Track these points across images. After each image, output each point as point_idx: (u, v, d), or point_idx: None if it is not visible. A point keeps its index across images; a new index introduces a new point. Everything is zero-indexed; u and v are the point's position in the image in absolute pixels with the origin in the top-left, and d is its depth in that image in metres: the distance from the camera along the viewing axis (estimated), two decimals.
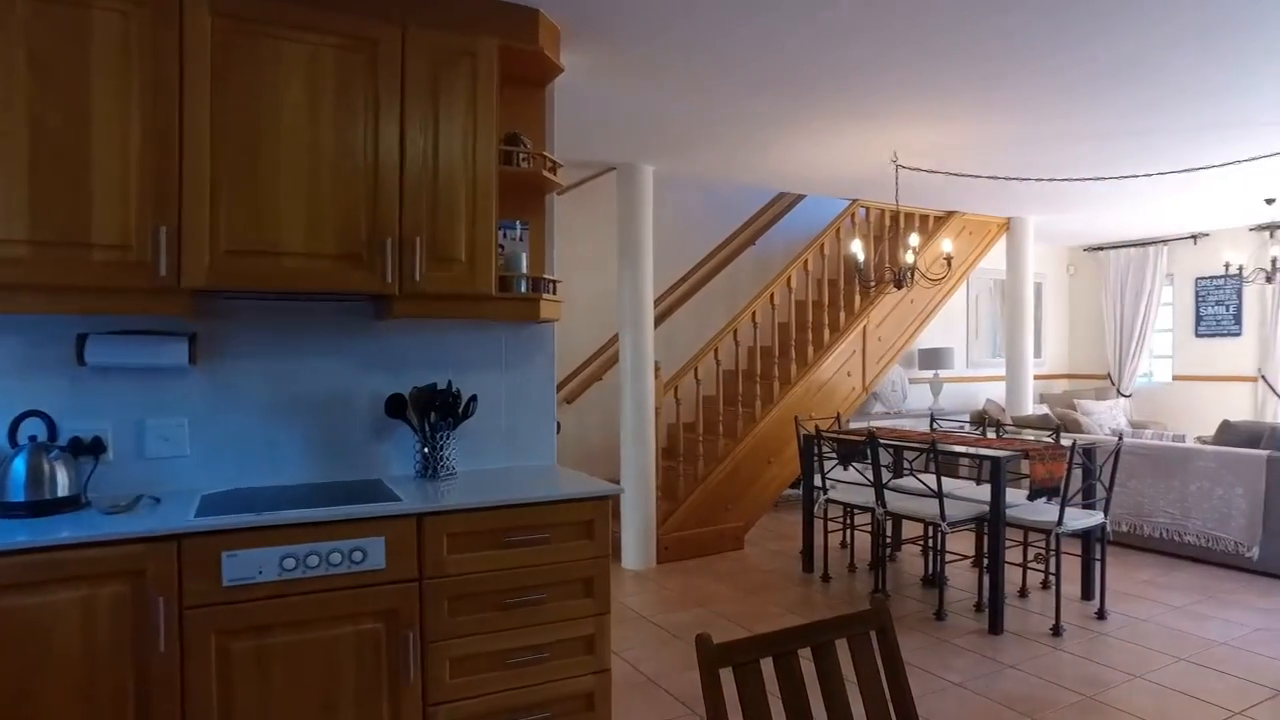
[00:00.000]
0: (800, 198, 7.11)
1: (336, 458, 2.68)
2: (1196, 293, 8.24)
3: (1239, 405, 7.89)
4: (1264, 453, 4.77)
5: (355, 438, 2.70)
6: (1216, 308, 8.10)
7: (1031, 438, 4.81)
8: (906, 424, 7.18)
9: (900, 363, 7.31)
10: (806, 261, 6.14)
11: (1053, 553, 3.95)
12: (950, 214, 6.69)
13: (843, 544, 5.44)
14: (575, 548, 2.44)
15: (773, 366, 6.01)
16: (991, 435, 4.91)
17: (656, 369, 5.27)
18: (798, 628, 1.40)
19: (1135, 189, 5.85)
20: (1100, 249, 8.92)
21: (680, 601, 4.42)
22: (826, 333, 6.22)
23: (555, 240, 3.04)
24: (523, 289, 2.66)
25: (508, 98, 2.75)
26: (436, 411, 2.66)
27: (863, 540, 5.22)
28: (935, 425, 5.42)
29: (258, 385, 2.57)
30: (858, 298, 6.37)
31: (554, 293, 2.81)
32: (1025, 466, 4.17)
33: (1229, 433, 5.11)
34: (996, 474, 3.83)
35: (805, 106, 3.96)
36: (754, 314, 5.85)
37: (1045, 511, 3.98)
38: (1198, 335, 8.26)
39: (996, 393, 8.23)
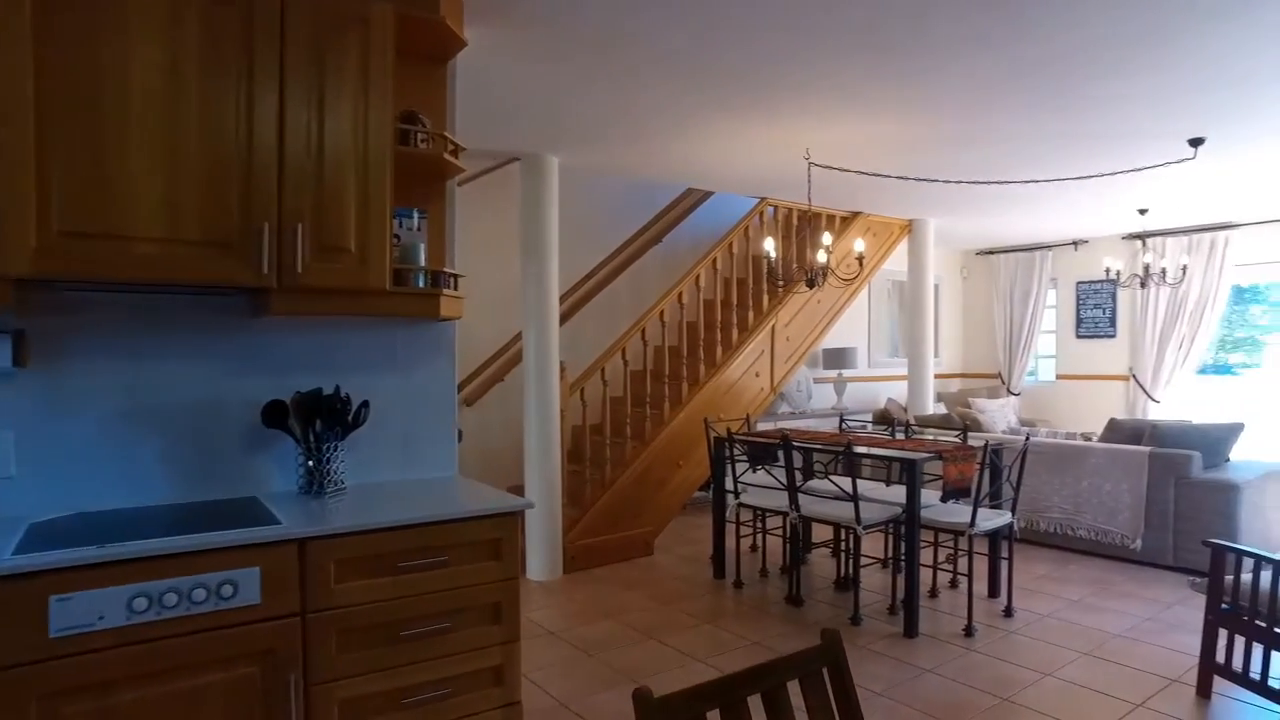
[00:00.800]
0: (707, 195, 7.04)
1: (205, 474, 2.34)
2: (1077, 296, 8.65)
3: (1114, 402, 8.32)
4: (1146, 449, 4.97)
5: (227, 450, 2.38)
6: (1095, 310, 8.52)
7: (941, 438, 4.84)
8: (811, 424, 7.21)
9: (805, 363, 7.34)
10: (715, 260, 6.05)
11: (964, 553, 3.96)
12: (855, 215, 6.75)
13: (753, 548, 5.36)
14: (480, 570, 2.21)
15: (681, 367, 5.89)
16: (900, 436, 4.93)
17: (562, 369, 5.05)
18: (746, 672, 1.22)
19: (1029, 194, 6.03)
20: (991, 253, 9.26)
21: (590, 614, 4.22)
22: (735, 333, 6.15)
23: (456, 232, 2.79)
24: (421, 284, 2.40)
25: (405, 73, 2.48)
26: (323, 419, 2.37)
27: (774, 544, 5.16)
28: (844, 426, 5.42)
29: (108, 391, 2.21)
30: (766, 297, 6.33)
31: (455, 288, 2.56)
32: (932, 466, 4.18)
33: (1115, 430, 5.32)
34: (912, 476, 3.80)
35: (718, 99, 3.83)
36: (662, 313, 5.71)
37: (957, 512, 3.99)
38: (1078, 336, 8.67)
39: (897, 392, 8.40)
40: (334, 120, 2.17)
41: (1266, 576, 2.98)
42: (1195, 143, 4.59)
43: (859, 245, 4.59)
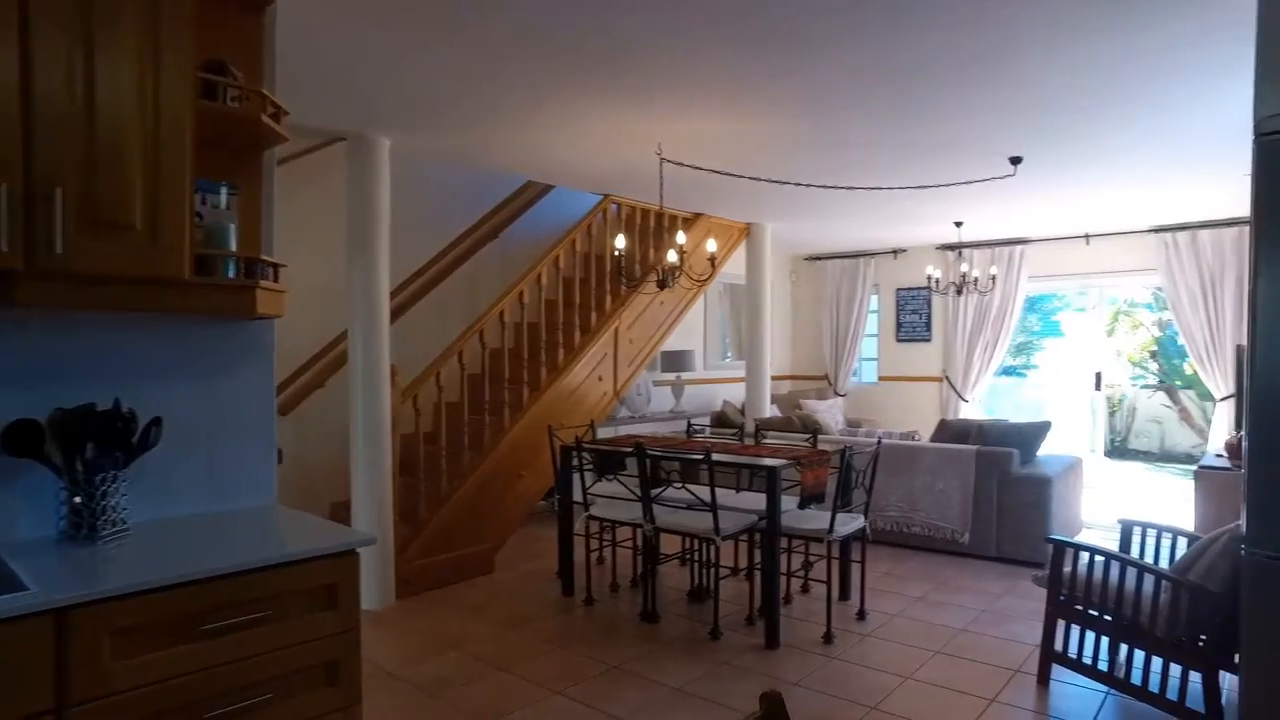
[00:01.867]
0: (546, 190, 6.73)
1: None
2: (897, 302, 9.14)
3: (930, 402, 8.86)
4: (973, 448, 5.23)
5: None
6: (913, 316, 9.05)
7: (794, 442, 4.82)
8: (652, 428, 7.09)
9: (646, 366, 7.21)
10: (558, 258, 5.76)
11: (818, 558, 3.92)
12: (698, 216, 6.69)
13: (600, 560, 5.12)
14: (312, 624, 1.80)
15: (522, 371, 5.56)
16: (749, 441, 4.87)
17: (393, 374, 4.57)
18: None
19: (866, 201, 6.22)
20: (819, 259, 9.60)
21: (430, 646, 3.80)
22: (578, 335, 5.89)
23: (275, 214, 2.33)
24: (231, 273, 1.95)
25: (212, 18, 2.01)
26: (96, 443, 1.86)
27: (623, 555, 4.95)
28: (692, 431, 5.30)
29: None
30: (609, 299, 6.12)
31: (276, 279, 2.12)
32: (786, 471, 4.12)
33: (944, 431, 5.58)
34: (773, 484, 3.70)
35: (572, 83, 3.56)
36: (502, 313, 5.34)
37: (815, 519, 3.95)
38: (898, 340, 9.17)
39: (733, 394, 8.48)
40: (110, 61, 1.69)
41: (1100, 568, 3.12)
42: (1015, 160, 4.87)
43: (711, 245, 4.48)
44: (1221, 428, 7.02)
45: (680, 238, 4.28)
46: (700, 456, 3.84)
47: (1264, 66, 2.65)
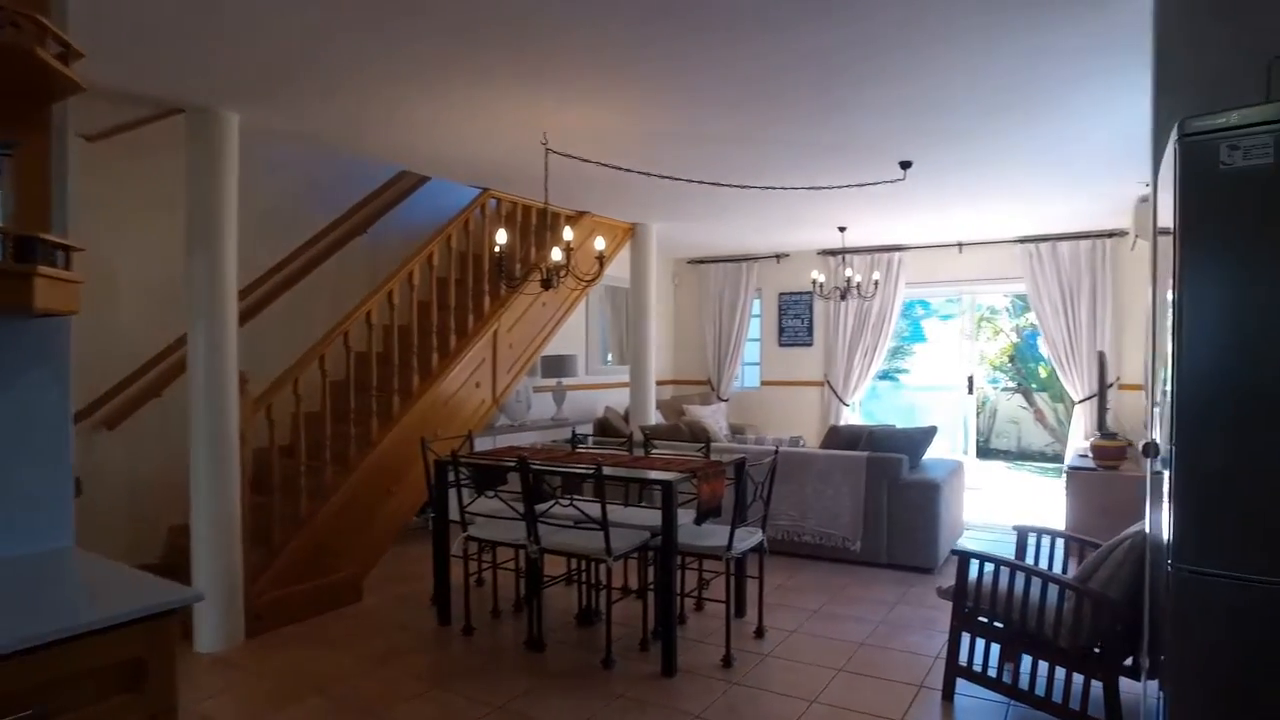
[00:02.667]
0: (422, 182, 6.26)
1: None
2: (780, 307, 9.17)
3: (812, 406, 8.92)
4: (864, 454, 5.19)
5: None
6: (795, 320, 9.09)
7: (687, 454, 4.60)
8: (533, 437, 6.74)
9: (526, 372, 6.86)
10: (432, 255, 5.32)
11: (714, 575, 3.70)
12: (582, 215, 6.40)
13: (479, 582, 4.72)
14: (107, 714, 1.38)
15: (392, 378, 5.08)
16: (639, 452, 4.61)
17: (243, 380, 4.03)
18: None
19: (754, 203, 6.11)
20: (702, 262, 9.51)
21: (288, 692, 3.31)
22: (454, 338, 5.47)
23: (71, 185, 1.86)
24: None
25: None
26: None
27: (505, 577, 4.57)
28: (576, 440, 4.99)
29: None
30: (488, 300, 5.73)
31: (68, 265, 1.67)
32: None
33: (835, 437, 5.52)
34: (669, 499, 3.45)
35: (454, 57, 3.19)
36: (370, 314, 4.86)
37: (713, 534, 3.73)
38: (780, 345, 9.19)
39: (615, 400, 8.23)
40: None
41: (1005, 580, 3.04)
42: (905, 165, 4.85)
43: (599, 243, 4.19)
44: (1080, 428, 7.37)
45: (568, 233, 3.97)
46: (590, 470, 3.54)
47: (1170, 70, 2.65)
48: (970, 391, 8.41)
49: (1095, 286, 7.28)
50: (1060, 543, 3.48)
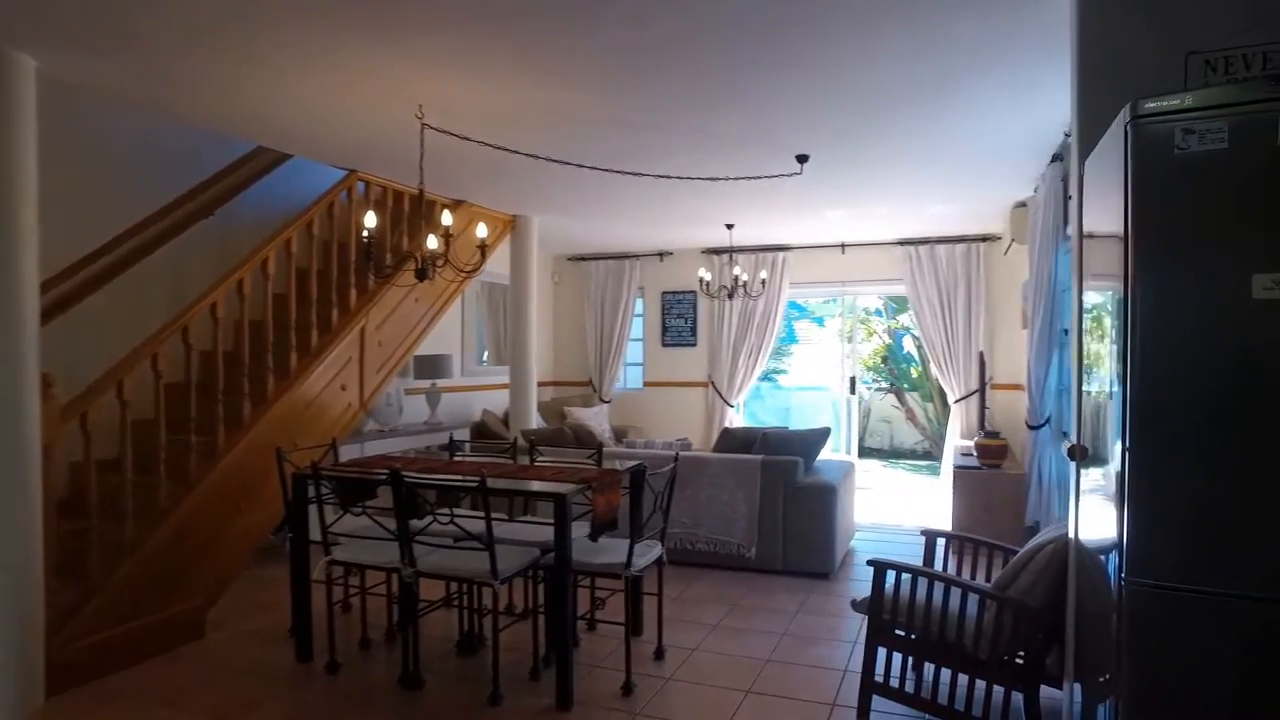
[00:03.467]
0: (282, 160, 5.62)
1: None
2: (663, 305, 8.97)
3: (696, 408, 8.77)
4: (759, 458, 5.01)
5: None
6: (678, 320, 8.92)
7: (580, 465, 4.26)
8: (405, 444, 6.21)
9: (398, 373, 6.32)
10: (290, 242, 4.74)
11: (615, 593, 3.39)
12: (460, 204, 5.94)
13: (345, 608, 4.20)
14: None
15: (243, 379, 4.47)
16: (523, 459, 4.23)
17: (47, 383, 3.37)
18: None
19: (640, 197, 5.85)
20: (583, 259, 9.18)
21: None
22: (315, 336, 4.91)
23: None
24: None
25: None
26: None
27: (375, 602, 4.07)
28: (456, 448, 4.55)
29: None
30: (355, 293, 5.19)
31: None
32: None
33: (728, 440, 5.32)
34: (563, 514, 3.10)
35: (307, 9, 2.72)
36: (215, 307, 4.25)
37: (609, 550, 3.40)
38: (664, 345, 9.00)
39: (493, 403, 7.78)
40: None
41: (923, 591, 2.89)
42: (802, 159, 4.71)
43: (481, 230, 3.79)
44: (957, 426, 7.54)
45: (447, 218, 3.54)
46: (474, 483, 3.14)
47: (1092, 63, 2.56)
48: (853, 392, 8.49)
49: (970, 289, 7.48)
50: (970, 546, 3.37)
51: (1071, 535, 2.53)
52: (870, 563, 2.99)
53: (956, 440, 7.36)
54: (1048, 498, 5.13)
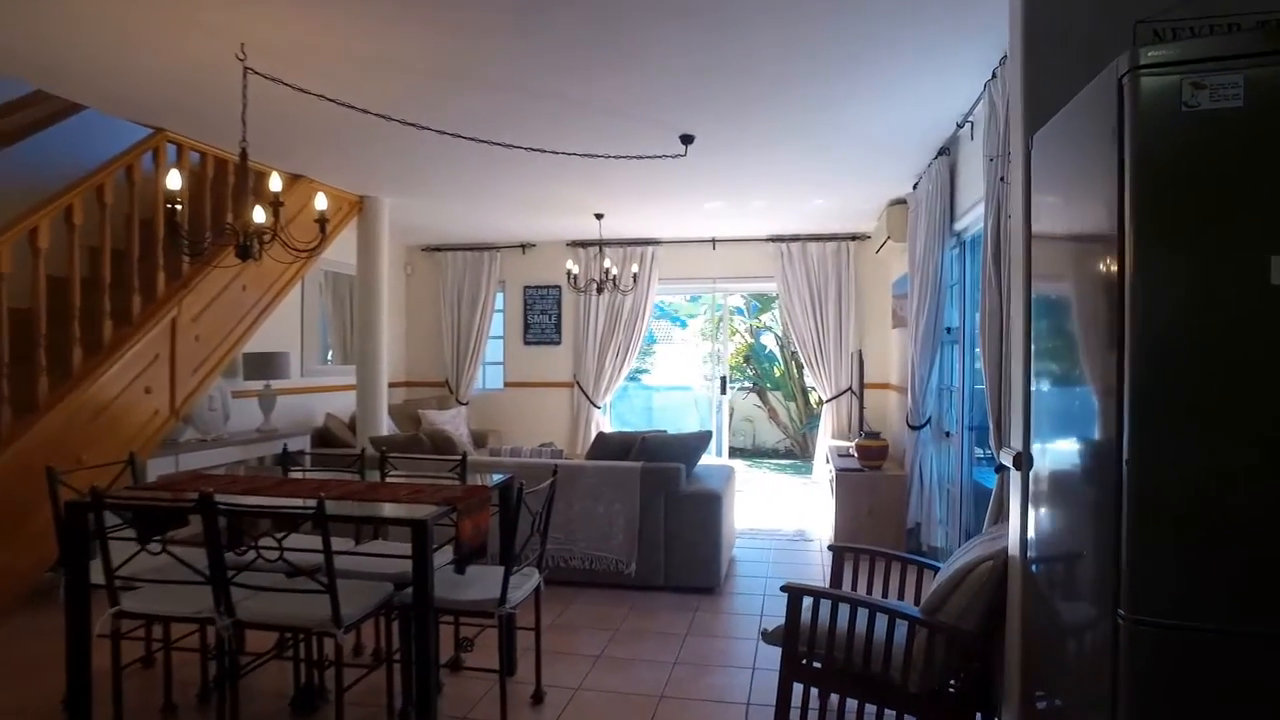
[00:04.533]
0: (70, 111, 4.65)
1: None
2: (525, 301, 8.41)
3: (561, 410, 8.28)
4: (638, 465, 4.60)
5: None
6: (542, 317, 8.39)
7: (439, 481, 3.67)
8: (233, 455, 5.35)
9: (223, 373, 5.45)
10: (73, 210, 3.86)
11: (487, 628, 2.86)
12: (297, 179, 5.16)
13: (147, 663, 3.41)
14: None
15: (2, 382, 3.58)
16: (373, 475, 3.60)
17: None
18: None
19: (505, 179, 5.30)
20: (439, 250, 8.47)
21: None
22: (110, 327, 4.05)
23: None
24: None
25: None
26: None
27: (185, 658, 3.29)
28: (293, 463, 3.83)
29: None
30: (163, 277, 4.34)
31: None
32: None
33: (603, 445, 4.87)
34: (423, 545, 2.54)
35: None
36: None
37: (478, 582, 2.86)
38: (526, 343, 8.44)
39: (339, 406, 6.97)
40: None
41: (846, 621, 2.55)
42: (687, 139, 4.35)
43: (321, 202, 3.14)
44: (828, 426, 7.47)
45: (276, 183, 2.86)
46: (311, 509, 2.51)
47: (1038, 32, 2.30)
48: (724, 391, 8.27)
49: (841, 288, 7.43)
50: (881, 562, 3.09)
51: (1014, 552, 2.26)
52: (785, 589, 2.62)
53: (828, 440, 7.28)
54: (929, 499, 5.03)
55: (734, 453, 11.54)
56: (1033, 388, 2.10)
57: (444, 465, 3.69)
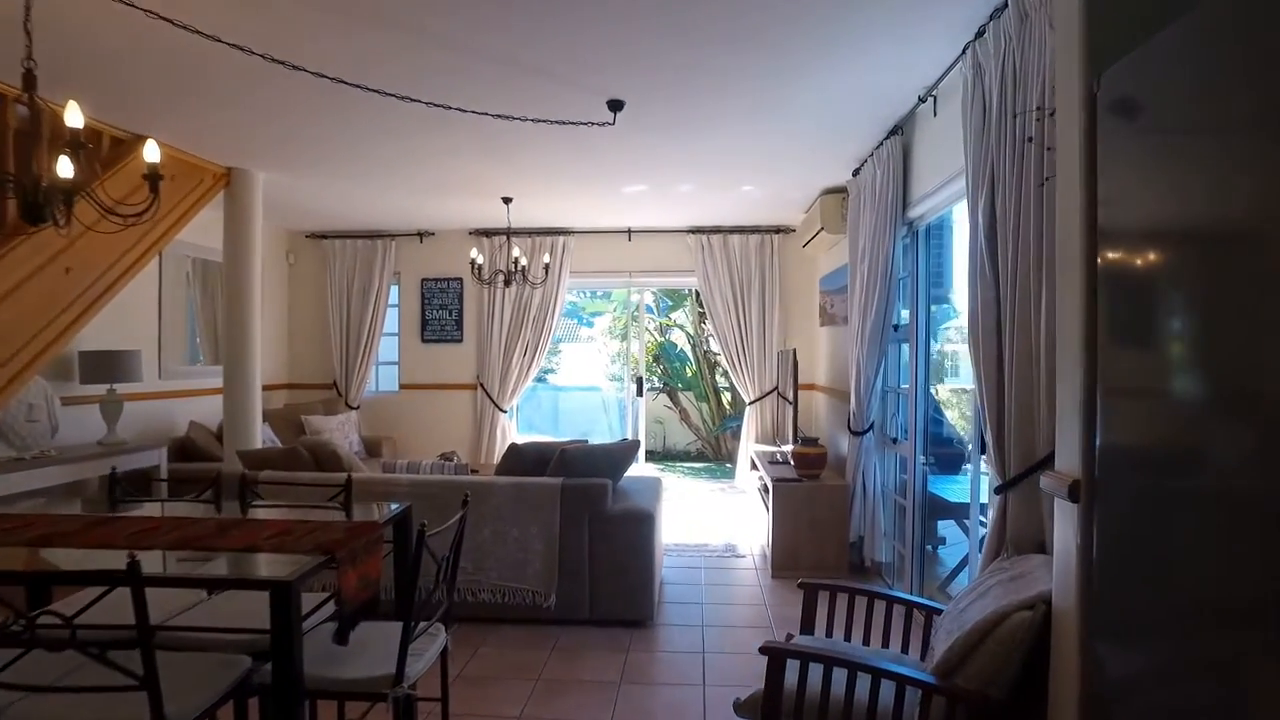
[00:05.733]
0: None
1: None
2: (423, 295, 7.63)
3: (464, 415, 7.54)
4: (558, 480, 3.99)
5: None
6: (441, 312, 7.62)
7: (322, 509, 2.96)
8: (61, 476, 4.41)
9: (46, 373, 4.52)
10: None
11: (371, 707, 2.20)
12: (142, 140, 4.27)
13: None
14: None
15: None
16: (230, 508, 2.85)
17: None
18: None
19: (399, 153, 4.58)
20: (325, 237, 7.57)
21: None
22: None
23: None
24: None
25: None
26: None
27: None
28: (124, 493, 3.02)
29: None
30: None
31: None
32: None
33: (517, 459, 4.21)
34: (285, 616, 1.86)
35: None
36: None
37: (364, 652, 2.19)
38: (424, 340, 7.65)
39: (207, 413, 6.03)
40: None
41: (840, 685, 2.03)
42: (615, 106, 3.76)
43: (151, 152, 2.38)
44: (752, 430, 7.04)
45: (73, 116, 2.09)
46: (120, 574, 1.79)
47: None
48: (640, 394, 7.73)
49: (765, 283, 7.01)
50: (863, 601, 2.59)
51: (1063, 602, 1.79)
52: (765, 651, 2.08)
53: (752, 445, 6.85)
54: (873, 511, 4.63)
55: (646, 456, 11.09)
56: (1100, 399, 1.62)
57: (327, 485, 2.98)
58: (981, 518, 3.34)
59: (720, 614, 4.15)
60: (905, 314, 4.42)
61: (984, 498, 3.28)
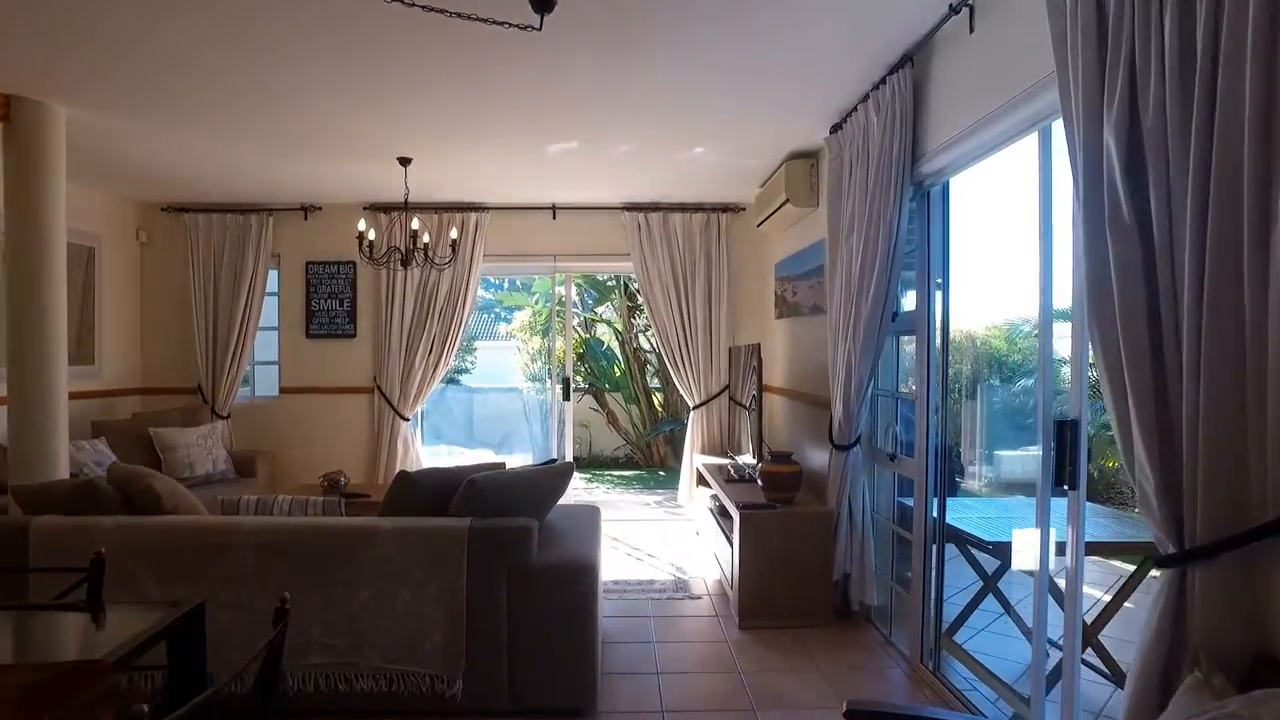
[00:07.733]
0: None
1: None
2: (309, 281, 6.41)
3: (359, 424, 6.37)
4: (464, 522, 2.94)
5: None
6: (331, 301, 6.42)
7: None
8: None
9: None
10: None
11: None
12: None
13: None
14: None
15: None
16: None
17: None
18: None
19: (252, 99, 3.45)
20: (186, 210, 6.25)
21: None
22: None
23: None
24: None
25: None
26: None
27: None
28: None
29: None
30: None
31: None
32: None
33: (408, 491, 3.12)
34: None
35: None
36: None
37: None
38: (310, 335, 6.43)
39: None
40: None
41: None
42: (544, 6, 2.74)
43: None
44: (697, 438, 6.11)
45: None
46: None
47: None
48: (566, 397, 6.70)
49: (711, 269, 6.09)
50: None
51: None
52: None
53: (697, 457, 5.92)
54: (862, 544, 3.75)
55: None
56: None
57: (67, 575, 1.87)
58: (1055, 577, 2.47)
59: (684, 690, 3.18)
60: (904, 302, 3.57)
61: (1053, 542, 2.42)
